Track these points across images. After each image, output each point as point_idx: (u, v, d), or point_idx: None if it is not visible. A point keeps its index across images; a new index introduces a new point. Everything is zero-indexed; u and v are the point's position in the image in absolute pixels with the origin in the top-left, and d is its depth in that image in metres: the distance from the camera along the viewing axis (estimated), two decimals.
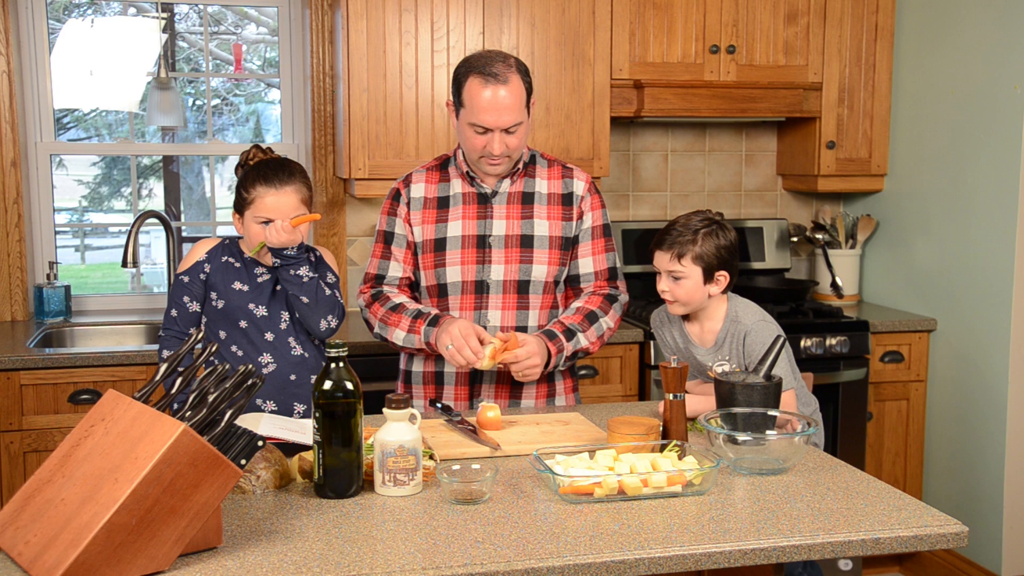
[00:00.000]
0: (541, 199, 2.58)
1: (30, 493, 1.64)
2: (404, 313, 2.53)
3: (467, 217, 2.56)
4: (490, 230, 2.55)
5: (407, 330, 2.51)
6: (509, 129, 2.43)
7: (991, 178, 3.51)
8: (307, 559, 1.60)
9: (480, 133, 2.44)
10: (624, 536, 1.70)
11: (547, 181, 2.60)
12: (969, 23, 3.61)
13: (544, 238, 2.56)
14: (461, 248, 2.55)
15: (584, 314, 2.55)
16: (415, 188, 2.61)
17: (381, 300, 2.59)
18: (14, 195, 3.65)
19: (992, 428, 3.54)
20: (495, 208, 2.56)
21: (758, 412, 2.13)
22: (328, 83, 3.81)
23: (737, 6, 3.78)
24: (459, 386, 2.59)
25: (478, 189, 2.57)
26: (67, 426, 3.14)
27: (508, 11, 3.59)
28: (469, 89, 2.43)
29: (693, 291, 2.44)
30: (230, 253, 2.55)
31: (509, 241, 2.55)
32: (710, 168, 4.24)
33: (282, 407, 2.50)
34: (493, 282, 2.55)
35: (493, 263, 2.55)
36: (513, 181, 2.58)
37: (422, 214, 2.58)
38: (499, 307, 2.55)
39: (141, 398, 1.70)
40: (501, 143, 2.44)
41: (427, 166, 2.65)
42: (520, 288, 2.56)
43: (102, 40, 4.28)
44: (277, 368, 2.50)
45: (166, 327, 2.56)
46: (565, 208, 2.59)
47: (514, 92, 2.42)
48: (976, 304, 3.59)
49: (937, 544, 1.75)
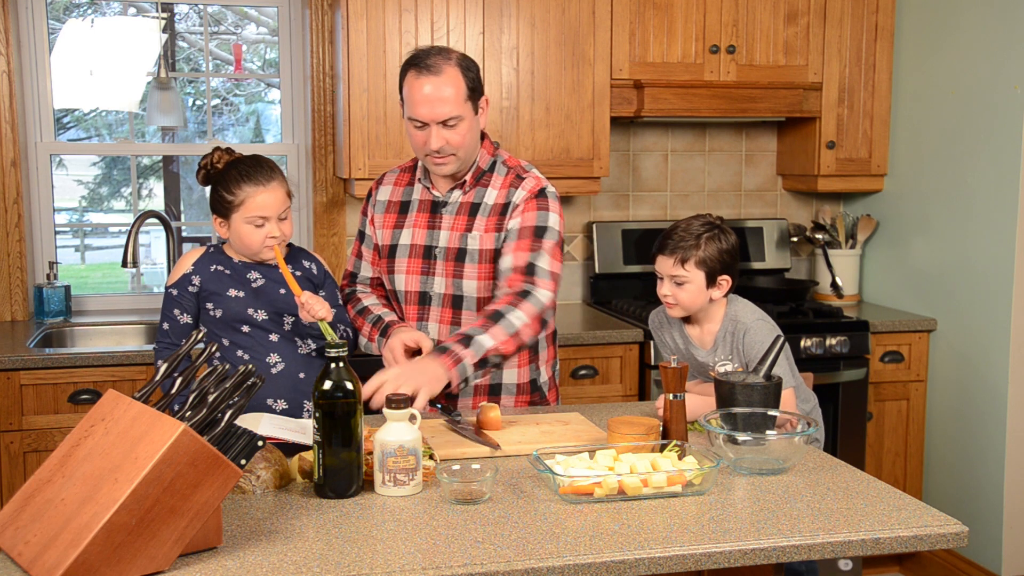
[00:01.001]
0: (485, 210, 2.48)
1: (30, 493, 1.64)
2: (366, 319, 2.55)
3: (418, 225, 2.52)
4: (437, 241, 2.50)
5: (367, 337, 2.53)
6: (447, 123, 2.35)
7: (991, 178, 3.51)
8: (307, 559, 1.60)
9: (419, 128, 2.38)
10: (624, 536, 1.70)
11: (496, 191, 2.49)
12: (969, 23, 3.61)
13: (475, 251, 2.46)
14: (408, 257, 2.53)
15: (486, 316, 2.33)
16: (382, 190, 2.61)
17: (352, 301, 2.61)
18: (14, 195, 3.65)
19: (992, 428, 3.54)
20: (444, 218, 2.50)
21: (758, 412, 2.13)
22: (328, 83, 3.81)
23: (737, 6, 3.78)
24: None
25: (433, 197, 2.53)
26: (67, 426, 3.14)
27: (508, 11, 3.59)
28: (407, 83, 2.39)
29: (695, 295, 2.44)
30: (218, 261, 2.50)
31: (450, 254, 2.49)
32: (710, 168, 4.24)
33: (292, 405, 2.49)
34: (435, 294, 2.51)
35: (436, 275, 2.50)
36: (465, 192, 2.50)
37: (383, 218, 2.58)
38: (438, 320, 2.51)
39: (141, 398, 1.70)
40: (439, 138, 2.36)
41: (403, 166, 2.63)
42: (455, 303, 2.49)
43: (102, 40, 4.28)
44: (286, 367, 2.49)
45: (159, 339, 2.54)
46: (500, 219, 2.46)
47: (450, 83, 2.34)
48: (976, 304, 3.59)
49: (937, 544, 1.75)
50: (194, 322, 2.52)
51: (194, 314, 2.51)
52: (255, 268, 2.51)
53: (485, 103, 2.46)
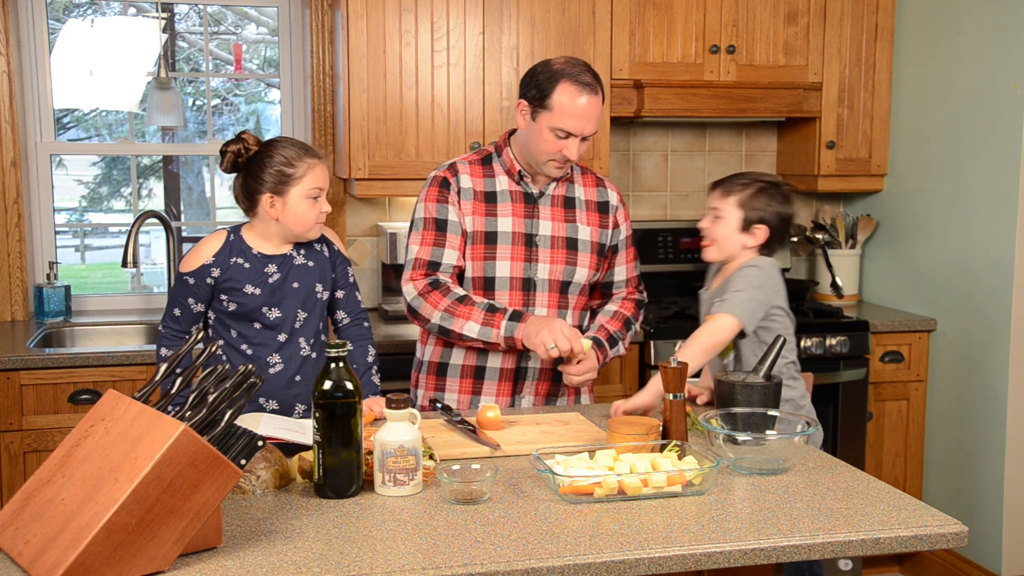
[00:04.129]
0: (581, 205, 2.67)
1: (30, 493, 1.64)
2: (475, 306, 2.52)
3: (516, 215, 2.61)
4: (537, 230, 2.62)
5: (482, 323, 2.50)
6: (586, 137, 2.52)
7: (991, 178, 3.51)
8: (307, 559, 1.60)
9: (561, 137, 2.50)
10: (624, 536, 1.70)
11: (584, 188, 2.69)
12: (969, 23, 3.61)
13: (586, 242, 2.64)
14: (511, 244, 2.60)
15: (622, 321, 2.68)
16: (463, 179, 2.62)
17: (442, 290, 2.55)
18: (14, 195, 3.65)
19: (992, 428, 3.54)
20: (541, 209, 2.63)
21: (758, 412, 2.14)
22: (328, 83, 3.81)
23: (737, 6, 3.78)
24: (463, 379, 2.63)
25: (525, 189, 2.63)
26: (67, 426, 3.14)
27: (508, 11, 3.59)
28: (562, 93, 2.48)
29: (727, 235, 2.49)
30: (238, 252, 2.49)
31: (555, 242, 2.62)
32: (710, 168, 4.24)
33: (283, 406, 2.49)
34: (539, 280, 2.61)
35: (540, 262, 2.61)
36: (557, 185, 2.65)
37: (472, 204, 2.60)
38: (544, 305, 2.61)
39: (141, 398, 1.70)
40: (579, 149, 2.52)
41: (468, 159, 2.67)
42: (563, 288, 2.63)
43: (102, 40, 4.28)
44: (284, 368, 2.50)
45: (166, 324, 2.53)
46: (602, 216, 2.68)
47: (600, 104, 2.53)
48: (976, 304, 3.59)
49: (937, 544, 1.75)
50: (206, 310, 2.52)
51: (207, 303, 2.51)
52: (273, 260, 2.51)
53: None
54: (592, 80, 2.51)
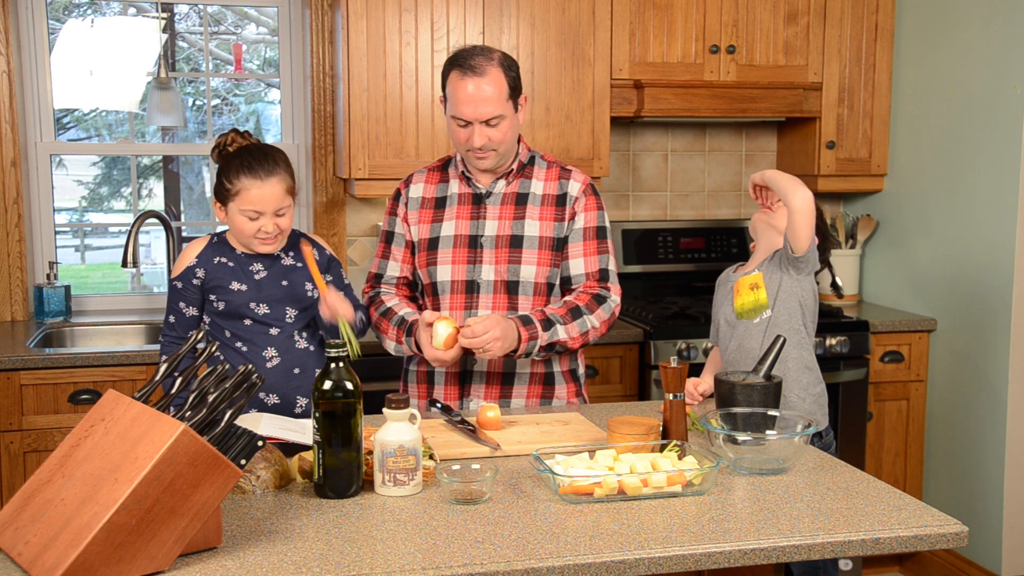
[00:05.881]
0: (535, 200, 2.58)
1: (30, 493, 1.64)
2: (391, 321, 2.57)
3: (460, 217, 2.59)
4: (482, 230, 2.57)
5: (395, 340, 2.57)
6: (490, 122, 2.45)
7: (991, 178, 3.51)
8: (307, 559, 1.60)
9: (462, 126, 2.47)
10: (624, 536, 1.70)
11: (543, 183, 2.60)
12: (969, 23, 3.61)
13: (534, 238, 2.55)
14: (452, 247, 2.57)
15: (568, 308, 2.50)
16: (414, 188, 2.65)
17: (376, 303, 2.63)
18: (14, 195, 3.65)
19: (992, 428, 3.54)
20: (488, 208, 2.58)
21: (758, 412, 2.14)
22: (328, 83, 3.81)
23: (737, 6, 3.78)
24: (448, 386, 2.60)
25: (474, 189, 2.60)
26: (67, 426, 3.14)
27: (508, 11, 3.59)
28: (450, 83, 2.47)
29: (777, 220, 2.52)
30: (222, 252, 2.50)
31: (500, 241, 2.56)
32: (710, 168, 4.24)
33: (284, 400, 2.49)
34: (483, 282, 2.56)
35: (484, 263, 2.56)
36: (508, 182, 2.60)
37: (419, 214, 2.62)
38: (489, 307, 2.55)
39: (141, 398, 1.70)
40: (482, 135, 2.45)
41: (430, 166, 2.69)
42: (510, 288, 2.56)
43: (102, 40, 4.29)
44: (281, 362, 2.49)
45: (165, 332, 2.55)
46: (558, 209, 2.58)
47: (492, 84, 2.43)
48: (976, 304, 3.59)
49: (937, 544, 1.76)
50: (199, 314, 2.52)
51: (199, 306, 2.51)
52: (257, 259, 2.51)
53: (524, 100, 2.55)
54: (481, 62, 2.42)
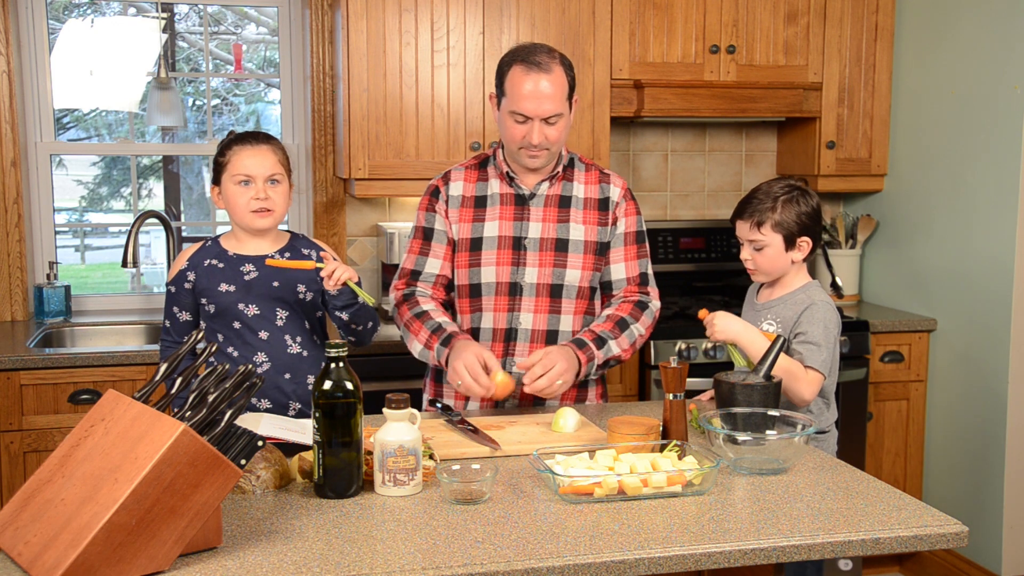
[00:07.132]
0: (578, 203, 2.57)
1: (30, 493, 1.64)
2: (425, 324, 2.50)
3: (504, 218, 2.55)
4: (526, 232, 2.54)
5: (423, 344, 2.50)
6: (549, 120, 2.43)
7: (991, 178, 3.51)
8: (307, 559, 1.60)
9: (520, 122, 2.44)
10: (624, 536, 1.70)
11: (584, 185, 2.58)
12: (969, 23, 3.61)
13: (579, 243, 2.55)
14: (497, 249, 2.54)
15: (615, 321, 2.52)
16: (453, 186, 2.59)
17: (410, 303, 2.56)
18: (14, 195, 3.65)
19: (992, 428, 3.54)
20: (532, 210, 2.55)
21: (758, 412, 2.13)
22: (328, 83, 3.81)
23: (737, 6, 3.78)
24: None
25: (516, 190, 2.56)
26: (67, 426, 3.14)
27: (508, 11, 3.59)
28: (512, 77, 2.44)
29: (775, 259, 2.45)
30: (213, 255, 2.51)
31: (544, 244, 2.53)
32: (710, 168, 4.24)
33: (276, 406, 2.48)
34: (526, 284, 2.54)
35: (527, 266, 2.53)
36: (551, 184, 2.57)
37: (459, 212, 2.57)
38: (531, 310, 2.53)
39: (141, 398, 1.70)
40: (540, 133, 2.43)
41: (466, 164, 2.64)
42: (553, 292, 2.54)
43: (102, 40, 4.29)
44: (272, 367, 2.49)
45: (163, 337, 2.57)
46: (601, 213, 2.57)
47: (555, 82, 2.42)
48: (976, 304, 3.59)
49: (937, 544, 1.75)
50: (194, 318, 2.52)
51: (193, 310, 2.52)
52: (249, 260, 2.50)
53: (576, 101, 2.54)
54: (546, 59, 2.42)
